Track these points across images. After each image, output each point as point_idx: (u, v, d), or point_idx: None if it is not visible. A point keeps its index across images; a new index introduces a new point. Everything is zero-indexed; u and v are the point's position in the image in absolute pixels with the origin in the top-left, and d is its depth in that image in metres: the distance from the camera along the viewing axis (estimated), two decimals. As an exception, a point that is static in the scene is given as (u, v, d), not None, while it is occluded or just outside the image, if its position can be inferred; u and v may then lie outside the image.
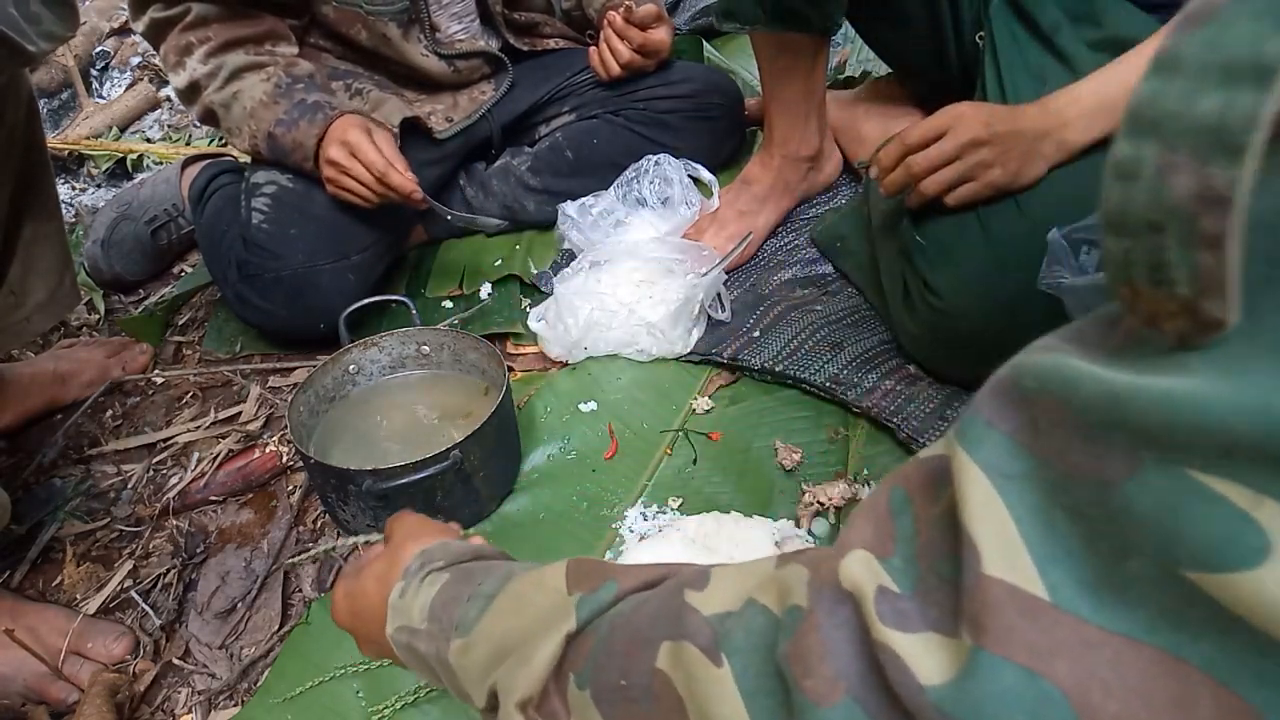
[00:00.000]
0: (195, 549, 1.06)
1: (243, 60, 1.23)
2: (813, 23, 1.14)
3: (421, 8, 1.32)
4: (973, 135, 0.94)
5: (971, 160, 0.95)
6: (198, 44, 1.23)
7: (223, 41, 1.23)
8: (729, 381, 1.18)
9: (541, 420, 1.14)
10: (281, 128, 1.21)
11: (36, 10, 0.87)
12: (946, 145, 0.96)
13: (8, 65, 0.92)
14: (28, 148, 1.08)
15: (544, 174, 1.48)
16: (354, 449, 1.04)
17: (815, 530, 0.96)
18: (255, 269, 1.24)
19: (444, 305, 1.39)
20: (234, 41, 1.24)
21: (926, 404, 1.04)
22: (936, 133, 0.96)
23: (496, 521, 1.02)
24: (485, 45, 1.41)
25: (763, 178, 1.38)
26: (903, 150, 0.99)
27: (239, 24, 1.25)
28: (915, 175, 0.98)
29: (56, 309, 1.19)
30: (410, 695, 0.85)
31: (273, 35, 1.28)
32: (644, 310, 1.19)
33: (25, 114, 1.07)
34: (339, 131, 1.19)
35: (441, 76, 1.39)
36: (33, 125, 1.10)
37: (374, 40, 1.32)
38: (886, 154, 1.01)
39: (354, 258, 1.27)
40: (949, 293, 1.00)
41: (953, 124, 0.96)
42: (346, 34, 1.32)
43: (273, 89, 1.22)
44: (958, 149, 0.95)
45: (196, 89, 1.25)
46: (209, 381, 1.32)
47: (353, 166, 1.17)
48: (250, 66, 1.24)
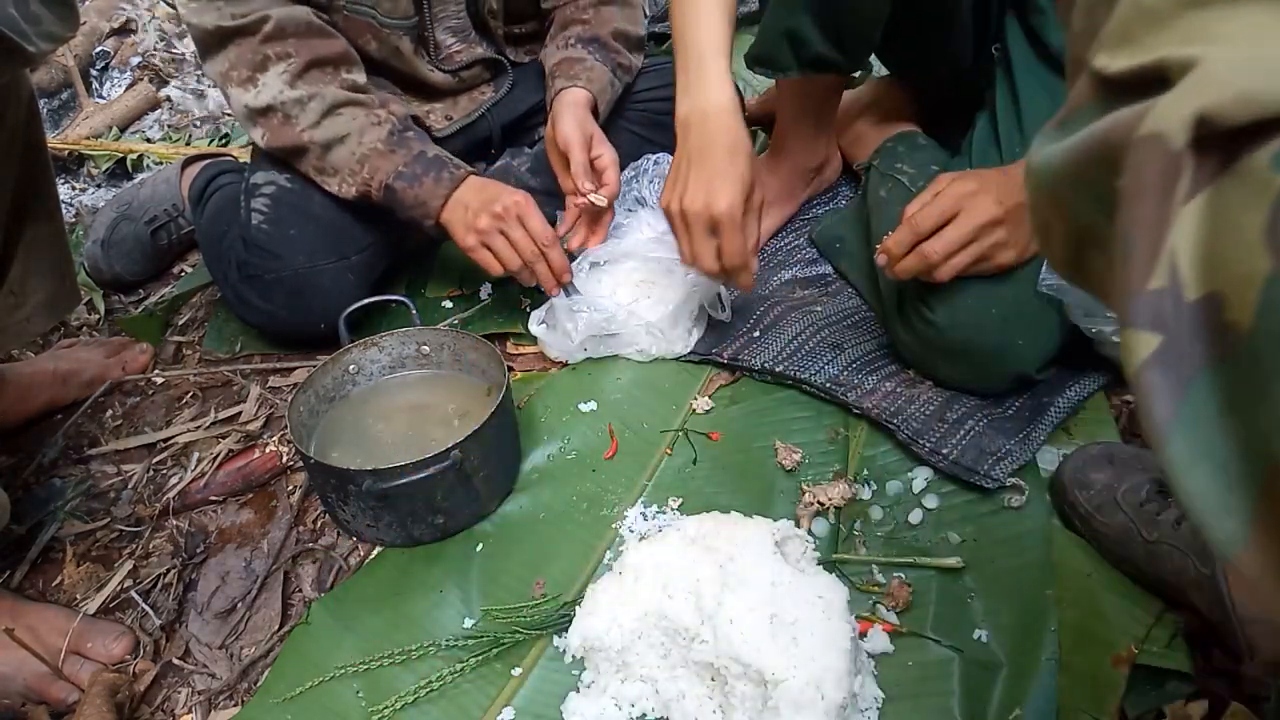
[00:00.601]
0: (195, 549, 1.06)
1: (339, 95, 1.18)
2: (843, 67, 1.15)
3: (426, 24, 1.32)
4: (989, 216, 0.91)
5: (988, 242, 0.93)
6: (276, 59, 1.16)
7: (305, 62, 1.16)
8: (729, 381, 1.18)
9: (541, 420, 1.14)
10: (403, 182, 1.17)
11: (37, 11, 0.87)
12: (964, 229, 0.92)
13: (8, 66, 0.92)
14: (28, 148, 1.08)
15: (544, 174, 1.47)
16: (354, 449, 1.04)
17: (815, 530, 0.96)
18: (255, 269, 1.24)
19: (444, 305, 1.39)
20: (317, 62, 1.18)
21: (927, 406, 1.04)
22: (946, 216, 0.93)
23: (496, 521, 1.02)
24: (483, 51, 1.40)
25: (769, 184, 1.38)
26: (914, 238, 0.94)
27: (319, 39, 1.19)
28: (932, 264, 0.94)
29: (56, 310, 1.19)
30: (410, 695, 0.85)
31: (348, 58, 1.22)
32: (644, 310, 1.19)
33: (26, 115, 1.07)
34: (478, 199, 1.16)
35: (446, 87, 1.39)
36: (33, 126, 1.10)
37: (385, 52, 1.30)
38: (897, 242, 0.96)
39: (354, 258, 1.27)
40: (943, 309, 1.00)
41: (962, 205, 0.92)
42: (356, 43, 1.27)
43: (387, 135, 1.18)
44: (974, 232, 0.92)
45: (275, 113, 1.18)
46: (209, 381, 1.33)
47: (519, 239, 1.14)
48: (349, 103, 1.19)
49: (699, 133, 0.99)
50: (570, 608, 0.89)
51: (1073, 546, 0.91)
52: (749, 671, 0.72)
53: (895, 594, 0.88)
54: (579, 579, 0.94)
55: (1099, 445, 0.95)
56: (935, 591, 0.89)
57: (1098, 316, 0.96)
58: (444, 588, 0.95)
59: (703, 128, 0.99)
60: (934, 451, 0.99)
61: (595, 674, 0.83)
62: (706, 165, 0.97)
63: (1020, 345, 0.98)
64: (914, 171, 1.18)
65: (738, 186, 0.96)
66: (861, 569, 0.92)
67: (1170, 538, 0.82)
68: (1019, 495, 0.95)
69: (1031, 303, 0.97)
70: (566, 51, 1.37)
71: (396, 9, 1.26)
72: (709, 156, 0.97)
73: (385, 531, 0.99)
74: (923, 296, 1.01)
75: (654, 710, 0.79)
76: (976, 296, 0.97)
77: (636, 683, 0.80)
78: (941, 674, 0.82)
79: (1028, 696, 0.78)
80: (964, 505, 0.96)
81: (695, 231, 0.99)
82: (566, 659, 0.86)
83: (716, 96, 0.99)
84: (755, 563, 0.78)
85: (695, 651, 0.75)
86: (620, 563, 0.85)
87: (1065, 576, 0.88)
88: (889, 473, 1.02)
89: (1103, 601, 0.86)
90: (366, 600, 0.95)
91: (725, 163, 0.97)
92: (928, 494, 0.98)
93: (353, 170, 1.20)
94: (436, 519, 0.98)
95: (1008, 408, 1.04)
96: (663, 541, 0.84)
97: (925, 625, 0.86)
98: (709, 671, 0.77)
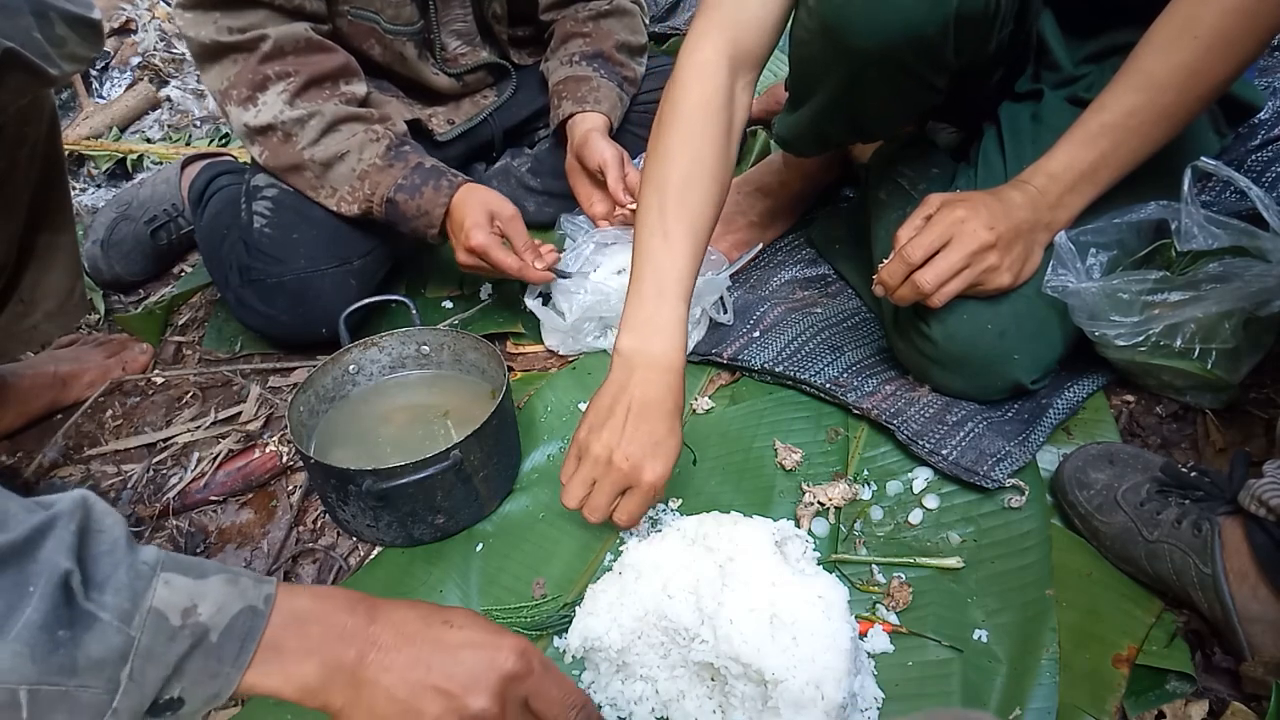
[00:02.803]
0: (195, 549, 1.06)
1: (338, 111, 1.18)
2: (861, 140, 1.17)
3: (432, 28, 1.31)
4: (980, 243, 0.91)
5: (980, 267, 0.92)
6: (276, 79, 1.16)
7: (305, 80, 1.16)
8: (729, 381, 1.18)
9: (541, 420, 1.14)
10: (404, 194, 1.18)
11: (62, 33, 0.87)
12: (954, 256, 0.91)
13: (31, 88, 0.93)
14: (47, 162, 1.09)
15: (544, 175, 1.48)
16: (354, 449, 1.04)
17: (815, 530, 0.96)
18: (257, 273, 1.24)
19: (444, 305, 1.39)
20: (316, 79, 1.18)
21: (927, 408, 1.04)
22: (937, 245, 0.92)
23: (496, 521, 1.02)
24: (488, 55, 1.40)
25: (780, 195, 1.38)
26: (907, 268, 0.93)
27: (318, 55, 1.18)
28: (925, 293, 0.93)
29: (65, 319, 1.20)
30: (410, 695, 0.84)
31: (348, 70, 1.22)
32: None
33: (47, 130, 1.08)
34: (472, 209, 1.16)
35: (450, 91, 1.39)
36: (53, 141, 1.11)
37: (389, 57, 1.30)
38: (890, 273, 0.95)
39: (356, 262, 1.27)
40: (938, 324, 1.00)
41: (953, 232, 0.92)
42: (359, 48, 1.28)
43: (384, 150, 1.19)
44: (966, 259, 0.92)
45: (275, 131, 1.18)
46: (209, 381, 1.33)
47: (499, 261, 1.16)
48: (349, 119, 1.19)
49: (643, 383, 0.89)
50: (570, 608, 0.89)
51: (1073, 546, 0.91)
52: (749, 671, 0.72)
53: (895, 594, 0.88)
54: (579, 579, 0.94)
55: (1099, 445, 0.95)
56: (935, 591, 0.88)
57: (1101, 319, 0.96)
58: (444, 588, 0.95)
59: (648, 378, 0.89)
60: (934, 452, 0.99)
61: (595, 674, 0.83)
62: (646, 425, 0.88)
63: (1017, 359, 0.98)
64: (914, 174, 1.18)
65: (670, 462, 0.88)
66: (861, 569, 0.92)
67: (1171, 537, 0.82)
68: (1019, 495, 0.95)
69: (1029, 317, 0.97)
70: (571, 69, 1.37)
71: (400, 15, 1.26)
72: (650, 416, 0.88)
73: (385, 531, 0.99)
74: (919, 312, 1.01)
75: (654, 710, 0.79)
76: (972, 312, 0.97)
77: (636, 682, 0.80)
78: (941, 674, 0.82)
79: (1028, 696, 0.78)
80: (964, 505, 0.96)
81: (607, 483, 0.88)
82: (566, 659, 0.86)
83: (668, 350, 0.90)
84: (755, 563, 0.78)
85: (695, 651, 0.75)
86: (620, 563, 0.84)
87: (1065, 576, 0.88)
88: (889, 473, 1.02)
89: (1103, 601, 0.86)
90: (366, 600, 0.94)
91: (665, 430, 0.88)
92: (928, 494, 0.98)
93: (353, 187, 1.20)
94: (436, 519, 0.98)
95: (1007, 409, 1.04)
96: (662, 541, 0.84)
97: (925, 625, 0.86)
98: (709, 671, 0.77)
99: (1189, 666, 0.80)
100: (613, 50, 1.40)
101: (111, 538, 0.52)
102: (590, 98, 1.34)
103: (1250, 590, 0.77)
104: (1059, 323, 0.98)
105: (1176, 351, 0.96)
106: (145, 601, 0.51)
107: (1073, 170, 0.92)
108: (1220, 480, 0.83)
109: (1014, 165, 1.02)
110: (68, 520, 0.50)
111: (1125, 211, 0.97)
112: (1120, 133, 0.89)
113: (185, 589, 0.53)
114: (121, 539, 0.53)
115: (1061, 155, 0.92)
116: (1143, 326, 0.95)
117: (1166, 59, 0.86)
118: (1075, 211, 0.95)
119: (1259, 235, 0.92)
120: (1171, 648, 0.81)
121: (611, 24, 1.42)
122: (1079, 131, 0.91)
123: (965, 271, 0.92)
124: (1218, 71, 0.86)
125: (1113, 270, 0.99)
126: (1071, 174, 0.92)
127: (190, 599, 0.53)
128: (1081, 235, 0.97)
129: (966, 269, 0.92)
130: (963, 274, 0.92)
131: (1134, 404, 1.06)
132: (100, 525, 0.52)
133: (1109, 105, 0.90)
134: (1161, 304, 0.94)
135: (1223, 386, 0.99)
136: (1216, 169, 0.93)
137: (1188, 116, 0.89)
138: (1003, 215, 0.92)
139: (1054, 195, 0.93)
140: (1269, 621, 0.76)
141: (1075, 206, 0.94)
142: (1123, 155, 0.91)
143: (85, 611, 0.49)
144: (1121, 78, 0.89)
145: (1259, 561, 0.76)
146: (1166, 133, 0.89)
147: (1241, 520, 0.79)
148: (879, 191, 1.21)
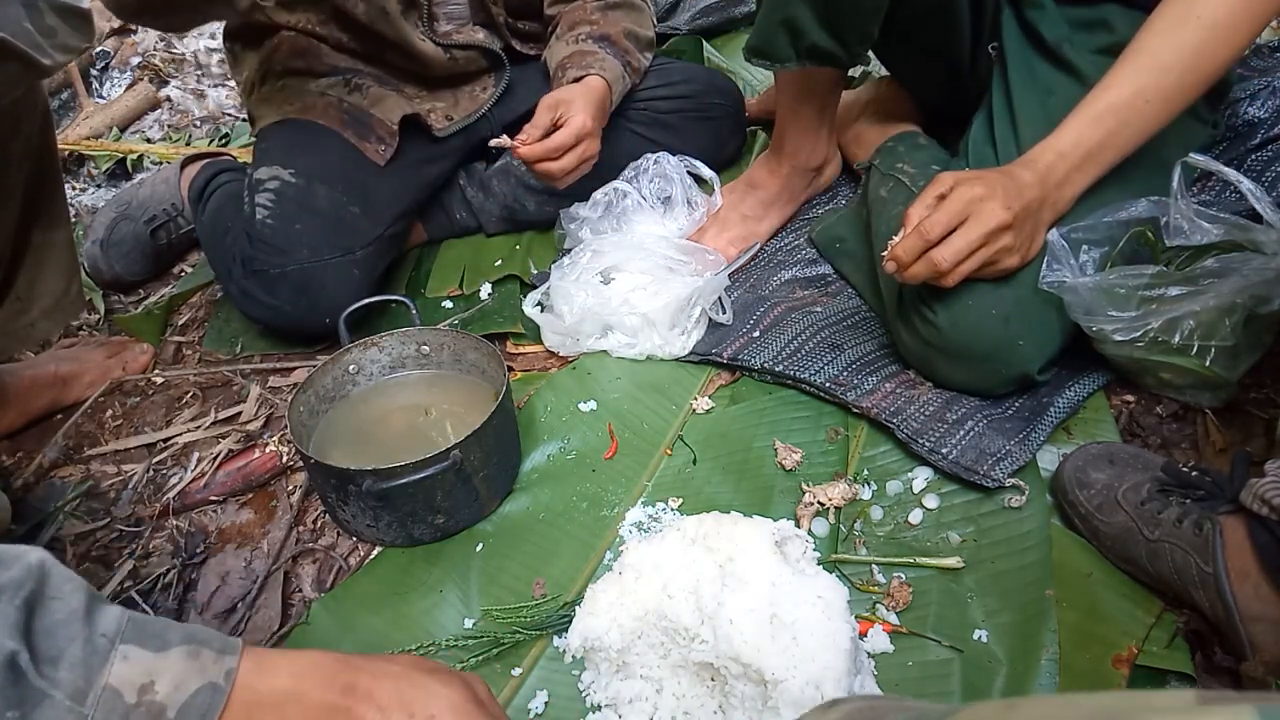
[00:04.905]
0: (195, 549, 1.06)
1: None
2: (841, 60, 1.15)
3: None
4: (998, 222, 0.90)
5: (995, 247, 0.92)
6: None
7: None
8: (729, 381, 1.18)
9: (541, 420, 1.14)
10: None
11: (52, 23, 0.87)
12: (972, 234, 0.91)
13: (23, 79, 0.92)
14: (41, 157, 1.09)
15: (544, 174, 1.47)
16: (354, 449, 1.04)
17: (815, 530, 0.96)
18: (261, 264, 1.23)
19: (444, 305, 1.39)
20: None
21: (926, 406, 1.04)
22: (954, 222, 0.91)
23: (496, 521, 1.02)
24: (483, 40, 1.40)
25: (769, 184, 1.38)
26: (923, 244, 0.92)
27: None
28: (941, 271, 0.92)
29: (61, 316, 1.20)
30: (410, 695, 0.84)
31: None
32: (640, 301, 1.19)
33: (40, 124, 1.08)
34: None
35: (439, 65, 1.37)
36: (46, 135, 1.10)
37: (372, 14, 1.27)
38: (905, 249, 0.94)
39: (359, 252, 1.27)
40: (944, 310, 1.00)
41: (971, 210, 0.91)
42: (343, 7, 1.26)
43: None
44: (983, 238, 0.91)
45: None
46: (209, 381, 1.33)
47: None
48: None
49: None
50: (570, 608, 0.89)
51: (1073, 546, 0.91)
52: (749, 671, 0.72)
53: (895, 594, 0.88)
54: (579, 579, 0.94)
55: (1099, 445, 0.95)
56: (935, 591, 0.88)
57: (1098, 314, 0.96)
58: (444, 588, 0.95)
59: None
60: (934, 451, 0.99)
61: (595, 674, 0.83)
62: None
63: (1022, 345, 0.98)
64: (914, 171, 1.18)
65: None
66: (861, 569, 0.92)
67: (1171, 536, 0.82)
68: (1019, 495, 0.95)
69: (1033, 303, 0.97)
70: (577, 46, 1.37)
71: None
72: None
73: (385, 531, 0.99)
74: (924, 298, 1.01)
75: (654, 710, 0.79)
76: (978, 297, 0.97)
77: (636, 682, 0.80)
78: (941, 674, 0.82)
79: (1028, 696, 0.78)
80: (964, 505, 0.96)
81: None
82: (566, 659, 0.86)
83: None
84: (755, 563, 0.78)
85: (695, 651, 0.75)
86: (620, 563, 0.84)
87: (1065, 576, 0.88)
88: (889, 473, 1.01)
89: (1103, 601, 0.85)
90: (366, 600, 0.95)
91: None
92: (928, 494, 0.98)
93: None
94: (436, 519, 0.98)
95: (1007, 408, 1.04)
96: (662, 541, 0.84)
97: (925, 625, 0.86)
98: (709, 671, 0.77)
99: (1189, 667, 0.80)
100: (620, 35, 1.39)
101: (69, 607, 0.50)
102: (595, 66, 1.33)
103: (1252, 589, 0.77)
104: (1057, 312, 0.99)
105: (1175, 348, 0.96)
106: (100, 679, 0.49)
107: (1080, 148, 0.93)
108: (1221, 480, 0.83)
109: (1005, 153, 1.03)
110: (13, 594, 0.48)
111: (1117, 208, 0.97)
112: (1126, 113, 0.91)
113: (142, 664, 0.51)
114: (80, 608, 0.50)
115: (1069, 133, 0.93)
116: (1140, 321, 0.95)
117: (1170, 40, 0.89)
118: (1079, 190, 0.95)
119: (1251, 228, 0.92)
120: (1172, 648, 0.81)
121: (619, 15, 1.42)
122: (1086, 110, 0.92)
123: (981, 250, 0.92)
124: (1219, 54, 0.88)
125: (1104, 266, 0.99)
126: (1079, 152, 0.93)
127: (148, 674, 0.50)
128: (1073, 232, 0.97)
129: (983, 248, 0.92)
130: (978, 253, 0.92)
131: (1134, 404, 1.06)
132: (57, 592, 0.50)
133: (1115, 85, 0.91)
134: (1159, 299, 0.94)
135: (1221, 384, 0.99)
136: (1206, 163, 0.94)
137: (1189, 98, 0.91)
138: (1016, 195, 0.92)
139: (1061, 173, 0.94)
140: (1271, 620, 0.76)
141: (1080, 185, 0.95)
142: (1126, 136, 0.92)
143: (36, 689, 0.47)
144: (1126, 59, 0.91)
145: (1262, 560, 0.76)
146: (1169, 114, 0.91)
147: (1243, 519, 0.79)
148: (879, 189, 1.21)
